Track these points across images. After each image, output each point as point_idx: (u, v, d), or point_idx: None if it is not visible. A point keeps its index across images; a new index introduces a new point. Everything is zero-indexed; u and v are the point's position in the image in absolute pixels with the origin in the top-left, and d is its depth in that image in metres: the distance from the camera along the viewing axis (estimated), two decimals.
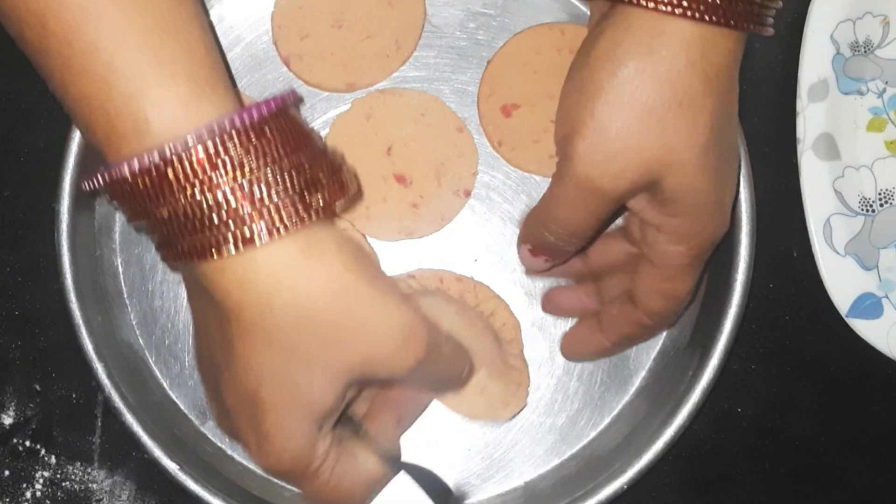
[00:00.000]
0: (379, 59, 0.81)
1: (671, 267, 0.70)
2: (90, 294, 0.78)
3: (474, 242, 0.81)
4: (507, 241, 0.81)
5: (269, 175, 0.58)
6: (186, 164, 0.56)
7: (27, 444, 0.82)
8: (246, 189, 0.57)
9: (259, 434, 0.62)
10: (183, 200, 0.57)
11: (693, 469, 0.83)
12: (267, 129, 0.58)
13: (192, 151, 0.56)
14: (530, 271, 0.79)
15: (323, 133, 0.81)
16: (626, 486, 0.76)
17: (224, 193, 0.57)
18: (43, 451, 0.82)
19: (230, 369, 0.61)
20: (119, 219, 0.80)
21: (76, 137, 0.76)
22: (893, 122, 0.82)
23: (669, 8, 0.63)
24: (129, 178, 0.57)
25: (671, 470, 0.82)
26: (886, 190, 0.82)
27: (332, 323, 0.60)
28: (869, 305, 0.81)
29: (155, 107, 0.57)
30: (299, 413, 0.62)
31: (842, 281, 0.81)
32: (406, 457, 0.78)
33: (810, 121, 0.81)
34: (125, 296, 0.81)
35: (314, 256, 0.59)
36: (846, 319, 0.81)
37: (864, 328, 0.81)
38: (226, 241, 0.57)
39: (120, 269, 0.80)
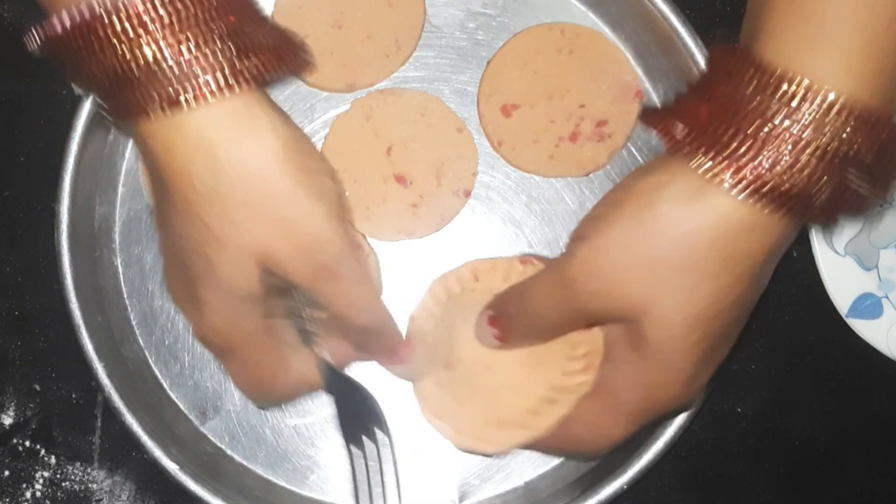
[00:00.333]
0: (379, 59, 0.81)
1: (613, 406, 0.67)
2: (90, 294, 0.78)
3: (474, 242, 0.81)
4: (507, 241, 0.81)
5: (201, 37, 0.58)
6: (116, 20, 0.56)
7: (27, 444, 0.82)
8: (175, 49, 0.57)
9: (192, 301, 0.63)
10: (113, 58, 0.57)
11: (693, 469, 0.83)
12: None
13: (123, 8, 0.56)
14: (479, 338, 0.76)
15: (323, 133, 0.81)
16: (625, 486, 0.76)
17: (154, 53, 0.57)
18: (43, 452, 0.82)
19: (164, 235, 0.63)
20: (119, 219, 0.80)
21: (76, 137, 0.76)
22: None
23: (715, 177, 0.59)
24: (62, 33, 0.58)
25: (671, 470, 0.82)
26: None
27: (246, 204, 0.60)
28: (869, 305, 0.81)
29: None
30: (220, 288, 0.62)
31: (842, 281, 0.81)
32: (406, 457, 0.79)
33: None
34: (125, 296, 0.81)
35: (244, 131, 0.59)
36: (846, 319, 0.81)
37: (864, 328, 0.81)
38: (153, 100, 0.57)
39: (120, 269, 0.80)
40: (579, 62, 0.81)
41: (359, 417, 0.75)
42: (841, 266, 0.81)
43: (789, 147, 0.56)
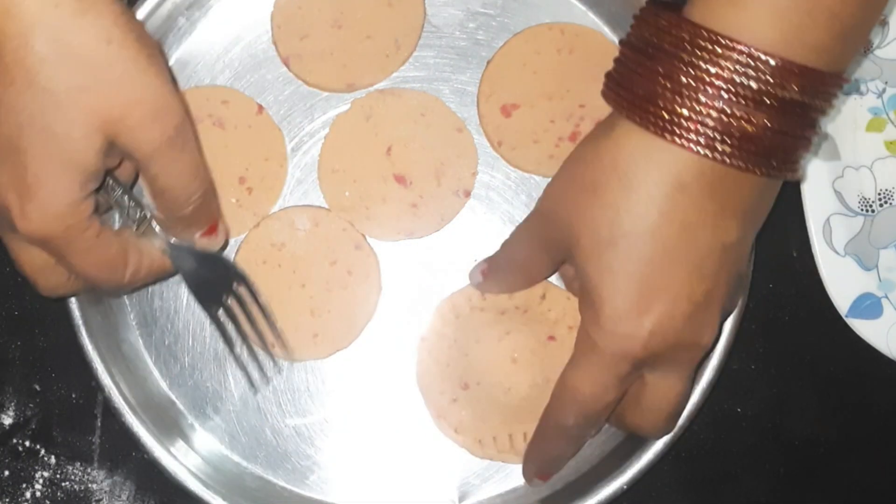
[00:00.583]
0: (379, 59, 0.81)
1: (583, 358, 0.69)
2: (90, 294, 0.77)
3: (474, 243, 0.81)
4: None
5: None
6: None
7: (27, 444, 0.82)
8: None
9: (21, 190, 0.61)
10: None
11: (693, 469, 0.83)
12: None
13: None
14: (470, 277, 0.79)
15: (323, 133, 0.81)
16: (625, 487, 0.76)
17: None
18: (42, 452, 0.82)
19: None
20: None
21: None
22: (893, 123, 0.82)
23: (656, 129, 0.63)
24: None
25: (671, 470, 0.82)
26: (886, 190, 0.82)
27: (93, 68, 0.59)
28: (869, 305, 0.81)
29: None
30: (60, 165, 0.60)
31: (841, 281, 0.81)
32: (406, 456, 0.79)
33: None
34: (125, 296, 0.81)
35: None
36: (846, 319, 0.81)
37: (864, 328, 0.81)
38: None
39: None
40: (579, 62, 0.81)
41: (218, 283, 0.74)
42: (841, 266, 0.81)
43: (708, 91, 0.61)
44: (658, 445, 0.76)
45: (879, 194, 0.82)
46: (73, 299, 0.76)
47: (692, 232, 0.64)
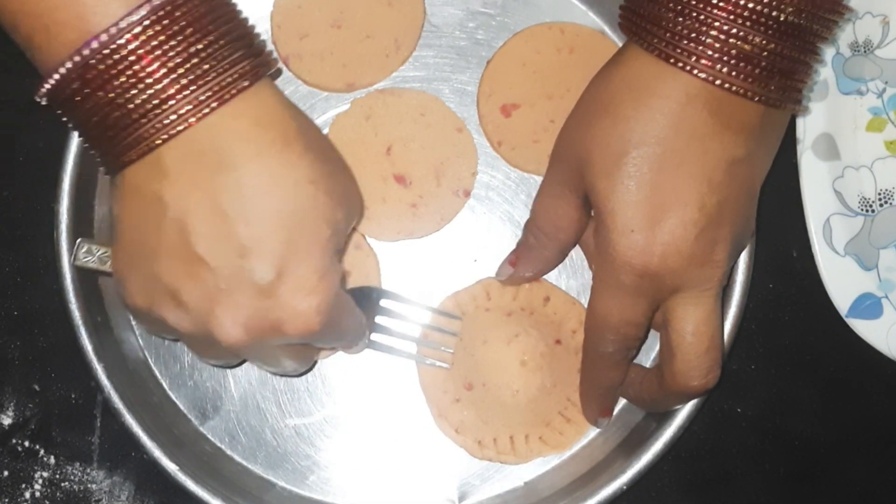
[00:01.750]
0: (378, 58, 0.81)
1: (601, 282, 0.71)
2: (90, 294, 0.78)
3: (474, 242, 0.81)
4: (507, 240, 0.81)
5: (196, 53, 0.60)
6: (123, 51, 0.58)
7: (26, 444, 0.82)
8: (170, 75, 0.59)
9: (301, 293, 0.62)
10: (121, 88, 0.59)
11: (693, 469, 0.83)
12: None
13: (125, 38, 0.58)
14: (498, 275, 0.80)
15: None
16: (625, 487, 0.76)
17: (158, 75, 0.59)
18: (42, 452, 0.82)
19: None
20: None
21: (76, 137, 0.76)
22: (893, 122, 0.82)
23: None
24: (73, 72, 0.59)
25: (671, 470, 0.82)
26: (886, 190, 0.82)
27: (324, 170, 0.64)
28: (869, 306, 0.81)
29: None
30: (323, 249, 0.63)
31: (841, 281, 0.81)
32: (406, 457, 0.79)
33: (810, 121, 0.81)
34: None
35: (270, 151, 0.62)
36: (846, 319, 0.81)
37: (864, 328, 0.81)
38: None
39: None
40: (579, 61, 0.81)
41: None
42: (841, 266, 0.81)
43: (708, 10, 0.64)
44: (657, 446, 0.76)
45: (879, 194, 0.82)
46: (72, 299, 0.76)
47: (701, 142, 0.66)
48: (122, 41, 0.58)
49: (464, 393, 0.79)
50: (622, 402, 0.80)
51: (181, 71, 0.59)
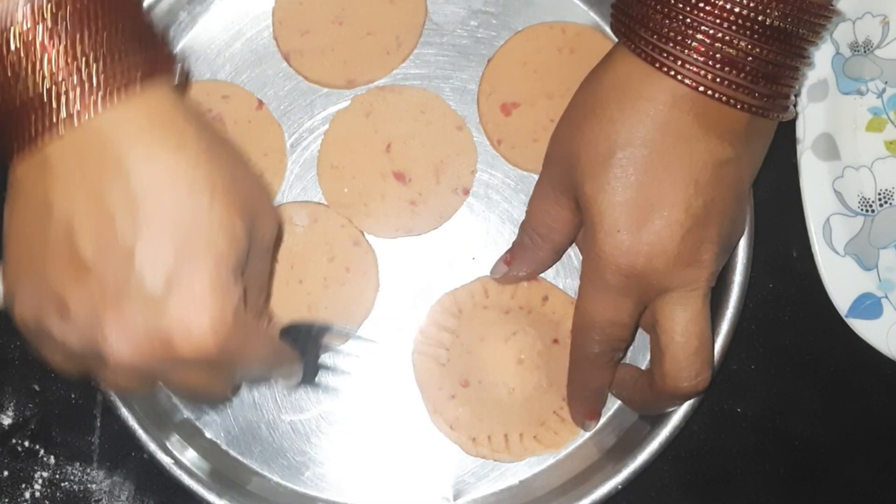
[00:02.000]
0: (379, 55, 0.82)
1: (589, 283, 0.70)
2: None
3: (473, 241, 0.81)
4: (506, 239, 0.81)
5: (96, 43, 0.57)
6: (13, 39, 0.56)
7: (26, 444, 0.82)
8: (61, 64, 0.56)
9: (183, 307, 0.57)
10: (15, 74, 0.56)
11: (692, 469, 0.83)
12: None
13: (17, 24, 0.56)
14: (493, 273, 0.80)
15: (322, 129, 0.81)
16: (620, 487, 0.76)
17: (52, 65, 0.56)
18: (42, 452, 0.82)
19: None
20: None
21: None
22: (893, 122, 0.82)
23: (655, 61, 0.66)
24: None
25: (671, 470, 0.82)
26: (886, 190, 0.82)
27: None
28: (868, 306, 0.81)
29: None
30: (219, 261, 0.58)
31: (841, 281, 0.81)
32: (401, 453, 0.79)
33: (810, 121, 0.81)
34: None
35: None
36: (846, 319, 0.81)
37: (864, 328, 0.81)
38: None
39: None
40: (580, 61, 0.80)
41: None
42: (841, 266, 0.81)
43: (695, 14, 0.64)
44: (653, 445, 0.76)
45: (879, 194, 0.82)
46: None
47: (687, 143, 0.66)
48: (13, 31, 0.55)
49: (460, 390, 0.79)
50: (616, 402, 0.80)
51: (71, 65, 0.56)
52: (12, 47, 0.55)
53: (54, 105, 0.56)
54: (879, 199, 0.82)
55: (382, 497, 0.79)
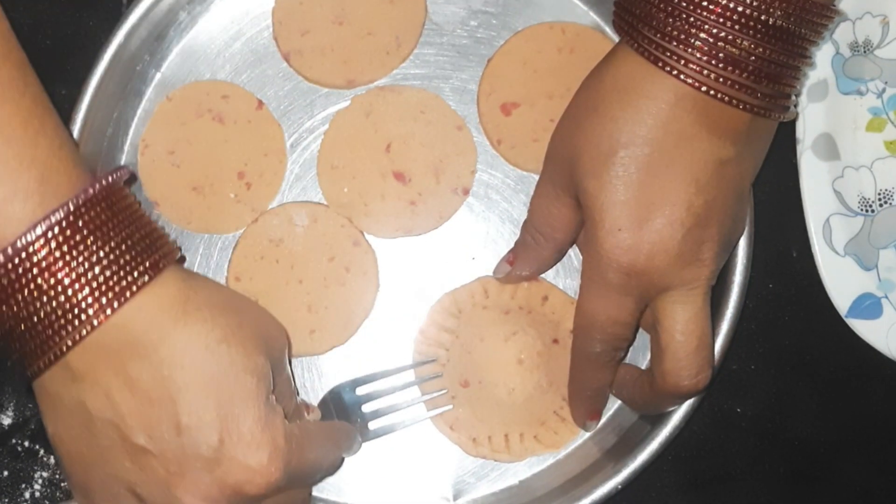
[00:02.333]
0: (379, 56, 0.82)
1: (592, 286, 0.71)
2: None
3: (472, 241, 0.81)
4: (506, 239, 0.81)
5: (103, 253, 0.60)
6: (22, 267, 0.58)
7: (26, 444, 0.82)
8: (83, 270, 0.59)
9: (238, 448, 0.61)
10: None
11: (692, 469, 0.83)
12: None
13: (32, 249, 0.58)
14: (496, 273, 0.80)
15: (322, 129, 0.81)
16: (620, 486, 0.76)
17: (63, 280, 0.58)
18: (42, 452, 0.82)
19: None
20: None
21: (75, 133, 0.77)
22: (893, 123, 0.82)
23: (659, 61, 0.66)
24: None
25: (670, 470, 0.82)
26: (886, 190, 0.82)
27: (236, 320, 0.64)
28: (868, 306, 0.81)
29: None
30: (255, 399, 0.62)
31: (841, 281, 0.81)
32: (401, 454, 0.79)
33: (810, 121, 0.81)
34: None
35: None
36: (846, 320, 0.81)
37: (864, 328, 0.81)
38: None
39: None
40: (580, 61, 0.81)
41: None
42: (840, 266, 0.81)
43: (698, 12, 0.64)
44: (653, 446, 0.76)
45: (879, 194, 0.82)
46: None
47: (689, 142, 0.66)
48: (26, 254, 0.58)
49: (459, 390, 0.79)
50: (616, 402, 0.80)
51: (84, 278, 0.59)
52: (29, 269, 0.58)
53: (71, 316, 0.59)
54: (879, 199, 0.82)
55: (383, 497, 0.79)
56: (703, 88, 0.65)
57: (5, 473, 0.81)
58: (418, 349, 0.79)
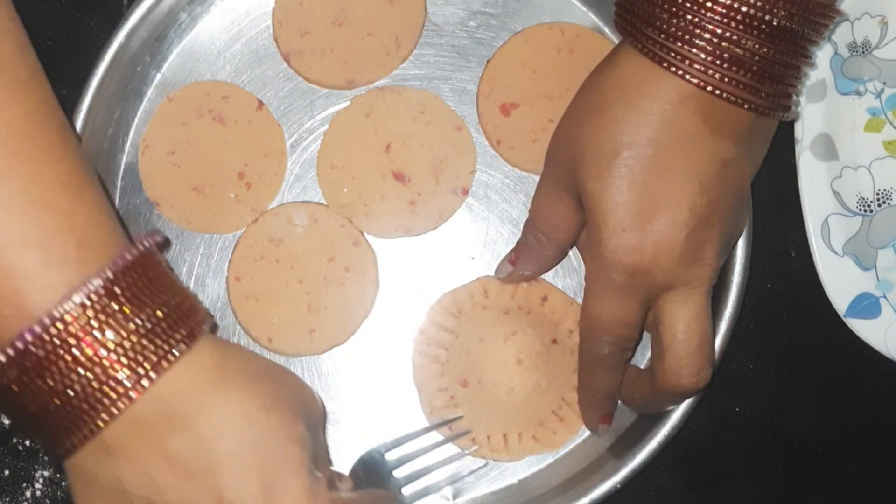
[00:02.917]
0: (379, 56, 0.82)
1: (596, 282, 0.71)
2: None
3: (472, 241, 0.81)
4: (505, 239, 0.81)
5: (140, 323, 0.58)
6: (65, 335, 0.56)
7: (27, 443, 0.82)
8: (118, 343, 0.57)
9: None
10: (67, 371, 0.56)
11: (691, 468, 0.83)
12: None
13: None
14: (497, 273, 0.80)
15: (322, 129, 0.81)
16: (619, 486, 0.76)
17: (100, 353, 0.56)
18: (43, 451, 0.82)
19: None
20: (117, 213, 0.81)
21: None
22: (891, 123, 0.82)
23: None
24: (11, 362, 0.56)
25: (669, 469, 0.82)
26: (884, 190, 0.82)
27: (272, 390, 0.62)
28: (867, 305, 0.81)
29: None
30: (300, 468, 0.61)
31: (840, 281, 0.81)
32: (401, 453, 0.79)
33: (808, 121, 0.81)
34: None
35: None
36: (844, 319, 0.81)
37: (863, 328, 0.81)
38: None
39: None
40: (579, 62, 0.81)
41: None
42: (839, 266, 0.81)
43: (702, 13, 0.64)
44: (652, 445, 0.76)
45: (878, 194, 0.82)
46: None
47: (692, 142, 0.66)
48: (62, 324, 0.56)
49: (458, 390, 0.79)
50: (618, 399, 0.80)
51: (121, 348, 0.57)
52: (65, 339, 0.56)
53: (107, 388, 0.56)
54: (878, 200, 0.82)
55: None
56: (709, 88, 0.65)
57: (6, 472, 0.81)
58: (418, 349, 0.79)
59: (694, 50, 0.65)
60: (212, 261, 0.81)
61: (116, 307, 0.57)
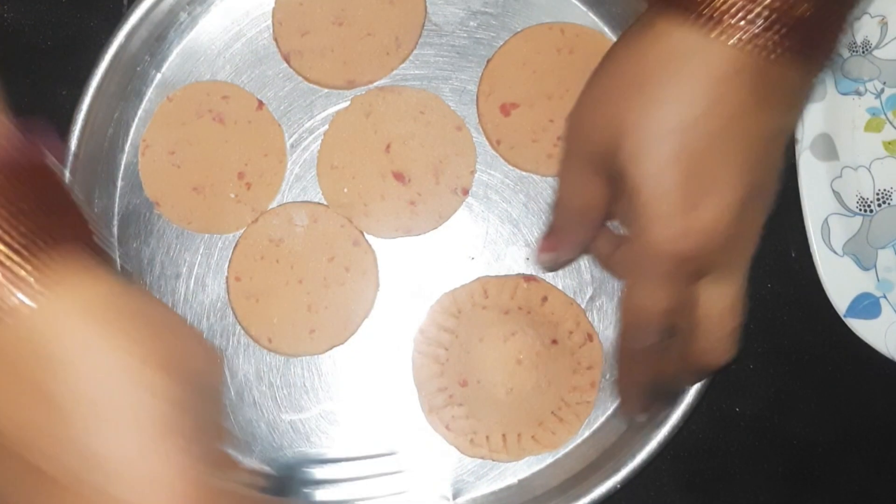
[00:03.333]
0: (379, 56, 0.82)
1: (636, 264, 0.68)
2: None
3: (471, 241, 0.81)
4: (505, 239, 0.81)
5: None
6: None
7: None
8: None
9: None
10: None
11: (691, 469, 0.83)
12: None
13: None
14: (539, 262, 0.79)
15: (322, 129, 0.81)
16: (619, 486, 0.76)
17: None
18: None
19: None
20: (117, 213, 0.81)
21: (76, 132, 0.77)
22: (891, 123, 0.82)
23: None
24: None
25: (669, 469, 0.82)
26: (884, 190, 0.82)
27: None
28: (867, 305, 0.81)
29: None
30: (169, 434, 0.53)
31: (840, 281, 0.81)
32: (401, 453, 0.79)
33: (808, 121, 0.81)
34: None
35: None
36: (844, 319, 0.81)
37: (863, 328, 0.81)
38: None
39: (118, 263, 0.80)
40: (579, 62, 0.81)
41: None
42: (839, 266, 0.81)
43: None
44: (652, 444, 0.76)
45: (878, 194, 0.82)
46: None
47: (738, 123, 0.63)
48: None
49: (458, 389, 0.79)
50: (615, 402, 0.80)
51: None
52: None
53: None
54: (878, 200, 0.82)
55: (382, 496, 0.79)
56: (765, 54, 0.61)
57: None
58: (417, 349, 0.79)
59: (750, 16, 0.61)
60: (212, 261, 0.81)
61: None
